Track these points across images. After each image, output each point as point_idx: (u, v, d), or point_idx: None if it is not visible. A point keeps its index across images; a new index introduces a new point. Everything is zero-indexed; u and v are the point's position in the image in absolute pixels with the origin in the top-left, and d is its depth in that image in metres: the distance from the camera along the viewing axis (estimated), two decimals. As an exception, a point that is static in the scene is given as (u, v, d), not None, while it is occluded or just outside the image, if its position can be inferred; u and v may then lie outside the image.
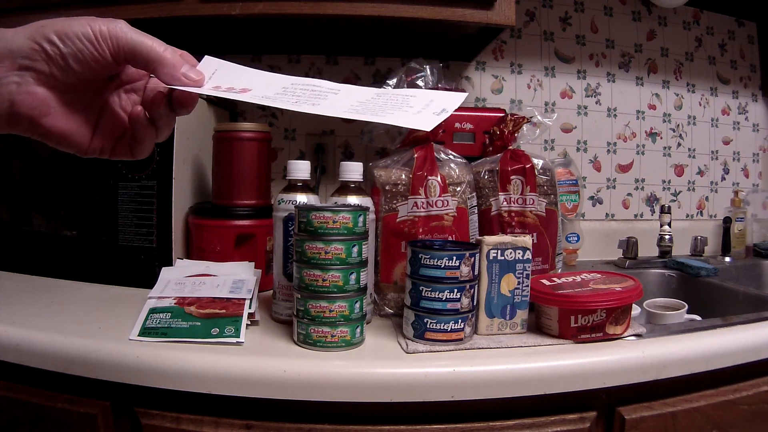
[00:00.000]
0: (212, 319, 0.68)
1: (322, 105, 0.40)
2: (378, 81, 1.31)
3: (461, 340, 0.67)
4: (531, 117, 0.91)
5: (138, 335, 0.64)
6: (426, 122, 0.38)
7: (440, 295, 0.65)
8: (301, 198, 0.75)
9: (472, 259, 0.67)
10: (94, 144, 0.41)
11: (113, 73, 0.41)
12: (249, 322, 0.70)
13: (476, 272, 0.68)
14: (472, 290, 0.68)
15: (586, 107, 1.41)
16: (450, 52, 1.28)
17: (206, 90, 0.41)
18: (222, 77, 0.42)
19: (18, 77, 0.36)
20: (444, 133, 0.93)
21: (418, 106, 0.40)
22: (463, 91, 1.33)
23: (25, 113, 0.37)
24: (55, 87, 0.38)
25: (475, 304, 0.69)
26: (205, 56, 0.43)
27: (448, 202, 0.79)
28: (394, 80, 0.85)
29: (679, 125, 1.47)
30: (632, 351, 0.65)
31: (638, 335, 0.71)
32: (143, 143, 0.42)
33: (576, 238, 1.22)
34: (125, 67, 0.42)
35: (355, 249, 0.65)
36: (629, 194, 1.45)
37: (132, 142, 0.42)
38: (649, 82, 1.44)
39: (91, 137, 0.41)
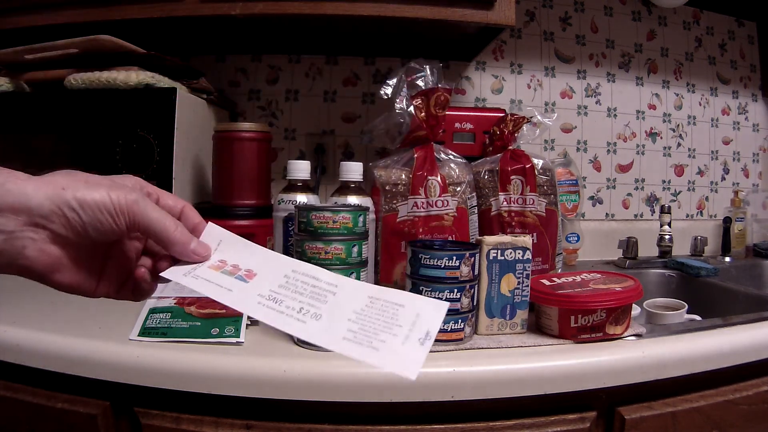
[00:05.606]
0: (212, 319, 0.68)
1: (311, 329, 0.39)
2: (378, 81, 1.31)
3: (461, 340, 0.67)
4: (531, 117, 0.91)
5: (138, 335, 0.64)
6: (407, 368, 0.36)
7: (440, 295, 0.65)
8: (301, 198, 0.75)
9: (472, 259, 0.67)
10: (100, 289, 0.43)
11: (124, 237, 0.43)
12: (249, 322, 0.70)
13: (476, 272, 0.68)
14: (472, 290, 0.68)
15: (586, 107, 1.41)
16: (450, 52, 1.28)
17: (213, 261, 0.43)
18: (227, 250, 0.44)
19: (33, 233, 0.36)
20: (444, 133, 0.93)
21: (406, 324, 0.39)
22: (462, 91, 1.34)
23: (37, 269, 0.38)
24: (68, 245, 0.38)
25: (475, 304, 0.69)
26: (208, 223, 0.46)
27: (448, 202, 0.79)
28: (394, 80, 0.85)
29: (679, 125, 1.47)
30: (632, 351, 0.65)
31: (638, 335, 0.71)
32: (145, 295, 0.44)
33: (576, 238, 1.22)
34: None
35: (355, 249, 0.65)
36: (629, 194, 1.45)
37: (135, 290, 0.44)
38: (649, 82, 1.45)
39: (97, 285, 0.43)
